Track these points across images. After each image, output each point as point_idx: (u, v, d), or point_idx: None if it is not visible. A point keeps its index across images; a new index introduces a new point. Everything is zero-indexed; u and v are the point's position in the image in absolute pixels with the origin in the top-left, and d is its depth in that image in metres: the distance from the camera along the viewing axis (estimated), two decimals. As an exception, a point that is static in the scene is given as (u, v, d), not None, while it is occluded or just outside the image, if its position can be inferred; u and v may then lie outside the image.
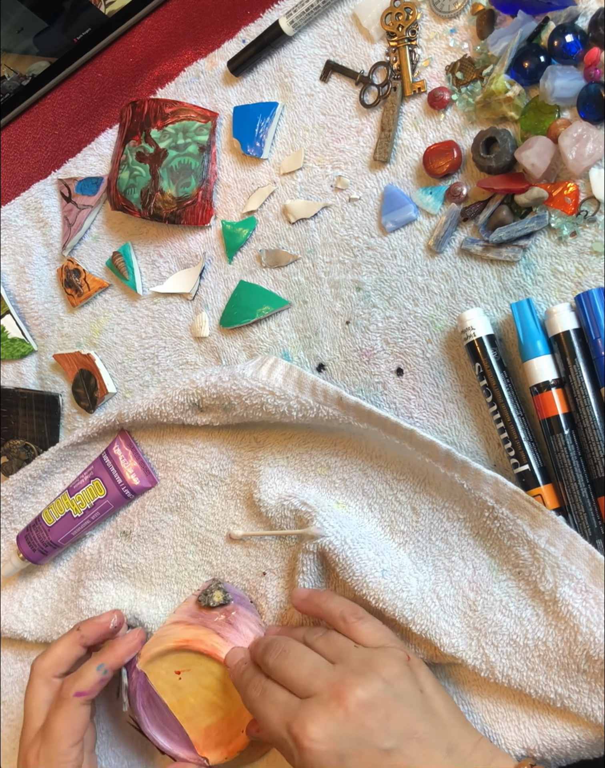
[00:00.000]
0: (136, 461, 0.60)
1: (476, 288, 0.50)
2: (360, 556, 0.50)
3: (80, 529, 0.61)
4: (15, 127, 0.69)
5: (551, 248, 0.48)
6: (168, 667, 0.54)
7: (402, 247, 0.53)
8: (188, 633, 0.53)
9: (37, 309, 0.66)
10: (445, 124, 0.51)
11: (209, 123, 0.59)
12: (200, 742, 0.54)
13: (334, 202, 0.55)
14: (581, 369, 0.45)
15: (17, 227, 0.67)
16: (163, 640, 0.54)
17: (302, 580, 0.52)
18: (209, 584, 0.55)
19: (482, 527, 0.48)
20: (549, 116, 0.47)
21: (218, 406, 0.55)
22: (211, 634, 0.52)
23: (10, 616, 0.64)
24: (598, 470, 0.45)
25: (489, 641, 0.46)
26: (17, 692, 0.66)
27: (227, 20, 0.60)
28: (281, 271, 0.57)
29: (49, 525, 0.61)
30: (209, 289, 0.60)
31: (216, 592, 0.54)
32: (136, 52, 0.64)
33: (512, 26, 0.48)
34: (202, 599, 0.54)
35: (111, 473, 0.60)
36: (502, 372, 0.48)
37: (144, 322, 0.62)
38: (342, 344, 0.55)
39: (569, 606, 0.44)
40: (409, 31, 0.52)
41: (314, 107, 0.56)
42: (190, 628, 0.53)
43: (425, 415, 0.52)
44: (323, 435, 0.55)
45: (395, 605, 0.48)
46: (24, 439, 0.65)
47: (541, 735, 0.46)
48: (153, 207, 0.59)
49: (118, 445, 0.60)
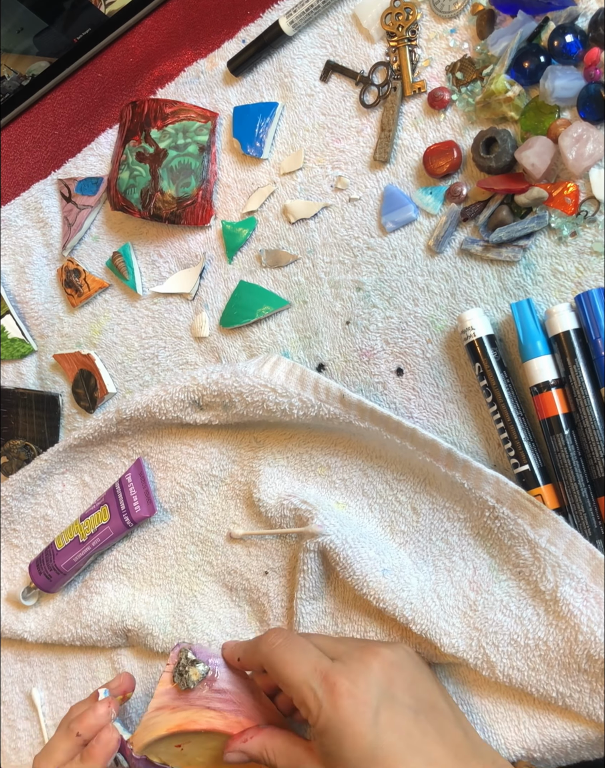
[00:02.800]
0: (143, 489, 0.59)
1: (476, 288, 0.50)
2: (361, 555, 0.50)
3: (82, 555, 0.60)
4: (15, 127, 0.69)
5: (551, 248, 0.48)
6: (166, 745, 0.51)
7: (402, 247, 0.53)
8: (178, 718, 0.49)
9: (37, 309, 0.66)
10: (445, 124, 0.51)
11: (209, 123, 0.59)
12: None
13: (334, 202, 0.55)
14: (581, 369, 0.45)
15: (17, 227, 0.67)
16: (153, 729, 0.49)
17: (302, 578, 0.52)
18: (179, 657, 0.50)
19: (482, 527, 0.48)
20: (549, 116, 0.47)
21: (218, 404, 0.55)
22: (201, 711, 0.49)
23: (10, 616, 0.64)
24: (598, 470, 0.45)
25: (490, 641, 0.46)
26: (17, 692, 0.66)
27: (227, 20, 0.60)
28: (281, 271, 0.57)
29: (58, 549, 0.61)
30: (209, 289, 0.60)
31: (191, 670, 0.49)
32: (136, 52, 0.64)
33: (512, 26, 0.48)
34: (179, 682, 0.49)
35: (118, 500, 0.60)
36: (502, 372, 0.48)
37: (144, 322, 0.62)
38: (342, 344, 0.55)
39: (570, 605, 0.44)
40: (409, 31, 0.52)
41: (314, 107, 0.56)
42: (176, 711, 0.49)
43: (425, 415, 0.52)
44: (323, 435, 0.55)
45: (395, 605, 0.48)
46: (24, 439, 0.65)
47: (541, 735, 0.46)
48: (153, 207, 0.59)
49: (130, 472, 0.60)
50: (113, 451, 0.62)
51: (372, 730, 0.41)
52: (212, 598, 0.58)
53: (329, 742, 0.42)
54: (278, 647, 0.46)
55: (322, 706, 0.42)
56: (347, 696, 0.42)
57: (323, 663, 0.44)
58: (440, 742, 0.42)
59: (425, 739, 0.42)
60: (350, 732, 0.41)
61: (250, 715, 0.49)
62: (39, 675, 0.65)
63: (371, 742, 0.41)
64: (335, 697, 0.42)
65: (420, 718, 0.43)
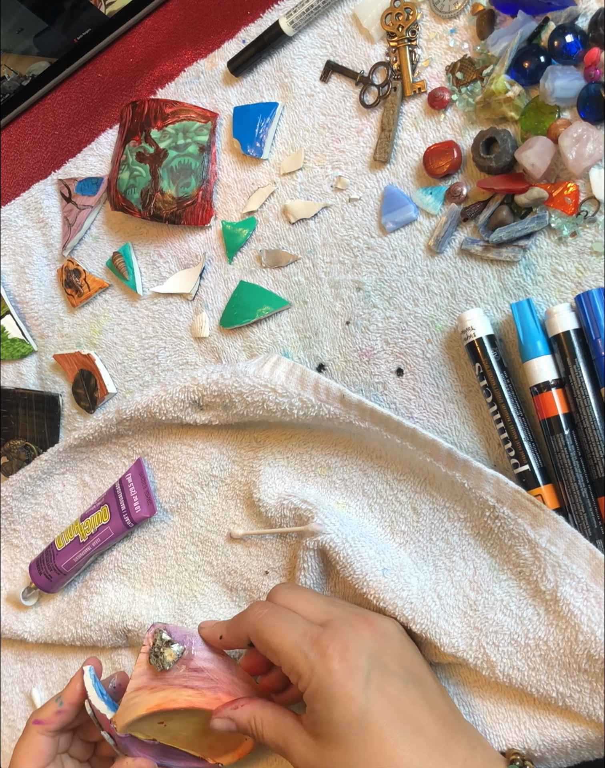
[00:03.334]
0: (143, 489, 0.59)
1: (476, 288, 0.50)
2: (361, 555, 0.50)
3: (82, 555, 0.60)
4: (15, 127, 0.69)
5: (551, 248, 0.48)
6: (149, 723, 0.51)
7: (402, 247, 0.53)
8: (156, 697, 0.49)
9: (37, 309, 0.66)
10: (445, 124, 0.51)
11: (209, 123, 0.59)
12: (208, 755, 0.53)
13: (334, 202, 0.55)
14: (581, 369, 0.45)
15: (17, 227, 0.67)
16: (133, 709, 0.49)
17: (302, 577, 0.52)
18: (154, 639, 0.50)
19: (483, 527, 0.48)
20: (549, 116, 0.47)
21: (218, 404, 0.55)
22: (180, 690, 0.49)
23: (10, 616, 0.64)
24: (598, 470, 0.45)
25: (490, 641, 0.46)
26: (17, 692, 0.66)
27: (227, 20, 0.60)
28: (281, 272, 0.57)
29: (58, 549, 0.61)
30: (209, 289, 0.60)
31: (166, 651, 0.49)
32: (136, 52, 0.64)
33: (512, 26, 0.48)
34: (155, 664, 0.49)
35: (118, 500, 0.60)
36: (502, 372, 0.48)
37: (144, 322, 0.62)
38: (342, 344, 0.55)
39: (570, 605, 0.44)
40: (409, 31, 0.52)
41: (314, 107, 0.56)
42: (155, 691, 0.49)
43: (425, 415, 0.52)
44: (323, 435, 0.55)
45: (395, 604, 0.48)
46: (24, 439, 0.65)
47: (542, 736, 0.46)
48: (153, 207, 0.59)
49: (131, 472, 0.60)
50: (113, 452, 0.62)
51: (363, 694, 0.41)
52: (213, 598, 0.58)
53: (319, 706, 0.42)
54: (265, 616, 0.45)
55: (314, 669, 0.42)
56: (339, 659, 0.42)
57: (314, 629, 0.44)
58: (428, 711, 0.42)
59: (413, 708, 0.42)
60: (342, 694, 0.41)
61: (229, 692, 0.49)
62: (39, 675, 0.65)
63: (361, 706, 0.41)
64: (327, 660, 0.42)
65: (409, 687, 0.43)
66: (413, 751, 0.40)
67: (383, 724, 0.41)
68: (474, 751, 0.43)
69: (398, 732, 0.41)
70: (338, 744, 0.41)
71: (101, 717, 0.51)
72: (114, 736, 0.51)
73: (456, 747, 0.42)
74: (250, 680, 0.50)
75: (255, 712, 0.46)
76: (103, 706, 0.51)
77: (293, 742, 0.43)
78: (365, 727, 0.41)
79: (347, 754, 0.41)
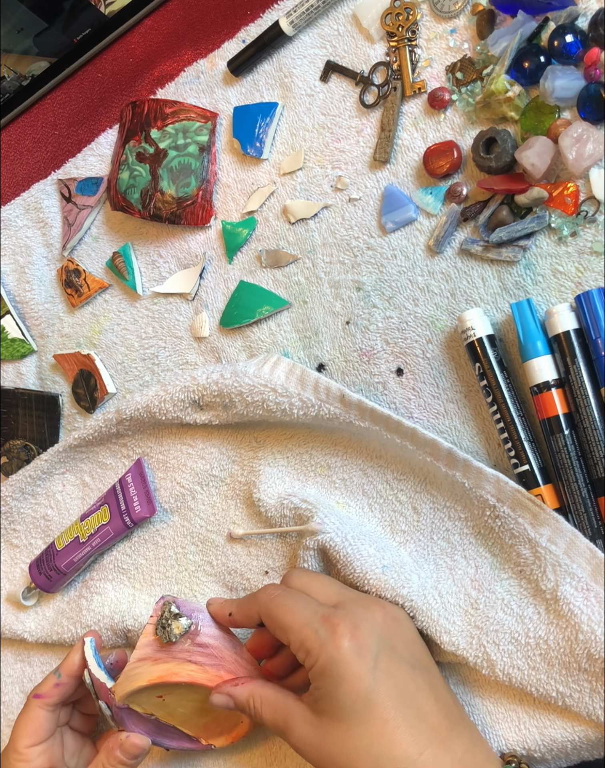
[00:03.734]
0: (143, 489, 0.59)
1: (476, 288, 0.50)
2: (361, 553, 0.50)
3: (82, 555, 0.60)
4: (15, 127, 0.69)
5: (551, 248, 0.48)
6: (148, 695, 0.51)
7: (402, 247, 0.53)
8: (159, 669, 0.49)
9: (37, 309, 0.66)
10: (445, 124, 0.51)
11: (209, 123, 0.59)
12: (201, 736, 0.54)
13: (334, 202, 0.55)
14: (581, 369, 0.45)
15: (17, 227, 0.67)
16: (134, 679, 0.49)
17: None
18: (162, 610, 0.50)
19: (483, 526, 0.48)
20: (549, 116, 0.47)
21: (218, 404, 0.55)
22: (183, 664, 0.49)
23: (10, 616, 0.64)
24: (598, 470, 0.45)
25: (491, 639, 0.47)
26: (17, 692, 0.66)
27: (227, 20, 0.60)
28: (281, 271, 0.57)
29: (58, 549, 0.61)
30: (209, 289, 0.60)
31: (174, 624, 0.48)
32: (136, 52, 0.64)
33: (512, 26, 0.48)
34: (162, 635, 0.49)
35: (118, 500, 0.60)
36: (502, 372, 0.48)
37: (144, 322, 0.62)
38: (342, 344, 0.55)
39: (570, 604, 0.44)
40: (409, 31, 0.52)
41: (314, 107, 0.56)
42: (158, 663, 0.49)
43: (425, 415, 0.52)
44: (323, 435, 0.55)
45: (395, 601, 0.48)
46: (24, 439, 0.65)
47: (542, 735, 0.46)
48: (153, 207, 0.59)
49: (131, 472, 0.60)
50: (113, 451, 0.62)
51: (371, 674, 0.41)
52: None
53: (326, 683, 0.42)
54: (277, 596, 0.46)
55: (323, 645, 0.42)
56: (350, 637, 0.42)
57: (326, 608, 0.44)
58: (433, 700, 0.43)
59: (418, 694, 0.42)
60: (350, 672, 0.41)
61: (232, 670, 0.49)
62: (39, 675, 0.65)
63: (367, 686, 0.41)
64: (337, 637, 0.42)
65: (416, 673, 0.43)
66: (413, 736, 0.41)
67: (387, 706, 0.41)
68: (473, 746, 0.43)
69: (401, 716, 0.41)
70: (340, 722, 0.41)
71: (100, 686, 0.51)
72: (111, 707, 0.51)
73: (457, 739, 0.42)
74: (254, 662, 0.51)
75: (255, 691, 0.46)
76: (102, 675, 0.52)
77: (292, 721, 0.43)
78: (370, 707, 0.41)
79: (348, 732, 0.41)
